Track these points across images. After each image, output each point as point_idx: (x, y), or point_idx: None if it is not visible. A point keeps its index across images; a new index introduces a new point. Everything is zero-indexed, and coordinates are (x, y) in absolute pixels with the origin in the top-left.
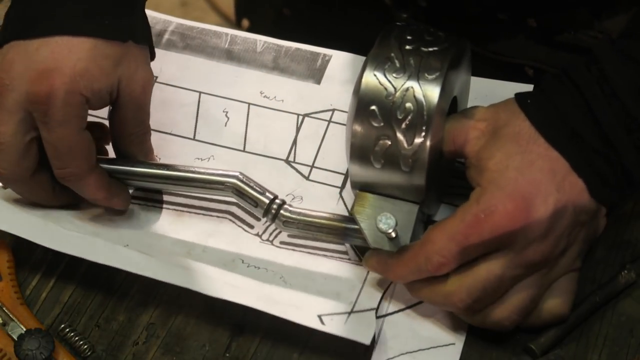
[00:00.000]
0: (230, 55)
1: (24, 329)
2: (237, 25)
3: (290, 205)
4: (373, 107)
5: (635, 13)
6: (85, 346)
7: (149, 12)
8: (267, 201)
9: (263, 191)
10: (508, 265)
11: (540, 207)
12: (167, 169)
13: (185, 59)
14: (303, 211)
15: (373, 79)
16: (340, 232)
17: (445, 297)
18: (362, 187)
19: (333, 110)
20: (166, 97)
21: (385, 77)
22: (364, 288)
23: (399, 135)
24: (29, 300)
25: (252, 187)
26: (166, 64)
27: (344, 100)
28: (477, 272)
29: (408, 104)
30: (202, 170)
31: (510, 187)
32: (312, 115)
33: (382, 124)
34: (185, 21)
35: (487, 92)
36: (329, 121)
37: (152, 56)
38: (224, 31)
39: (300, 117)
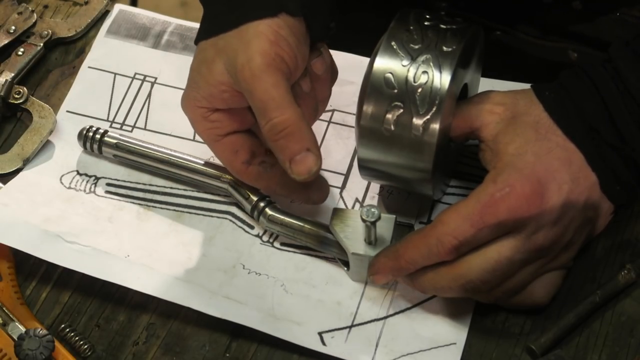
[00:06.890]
0: None
1: (24, 329)
2: None
3: (277, 205)
4: (389, 74)
5: None
6: (85, 346)
7: (148, 13)
8: (256, 198)
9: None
10: (519, 248)
11: (554, 193)
12: (171, 156)
13: (185, 59)
14: (287, 212)
15: (391, 47)
16: (319, 239)
17: (454, 279)
18: (370, 161)
19: (333, 110)
20: (166, 98)
21: (403, 46)
22: (365, 292)
23: (413, 103)
24: (29, 301)
25: (247, 185)
26: (166, 64)
27: (344, 100)
28: (488, 254)
29: (424, 74)
30: (202, 161)
31: (528, 170)
32: None
33: (395, 90)
34: (184, 22)
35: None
36: (329, 121)
37: (324, 36)
38: None
39: None
